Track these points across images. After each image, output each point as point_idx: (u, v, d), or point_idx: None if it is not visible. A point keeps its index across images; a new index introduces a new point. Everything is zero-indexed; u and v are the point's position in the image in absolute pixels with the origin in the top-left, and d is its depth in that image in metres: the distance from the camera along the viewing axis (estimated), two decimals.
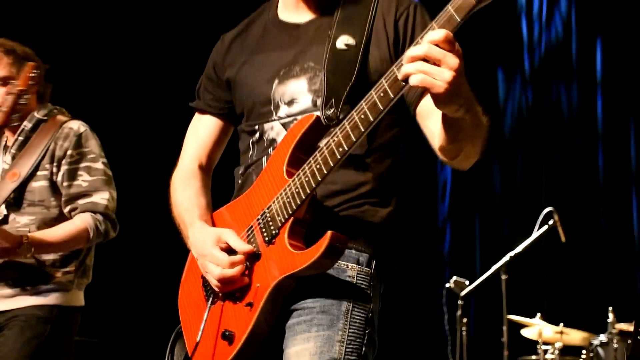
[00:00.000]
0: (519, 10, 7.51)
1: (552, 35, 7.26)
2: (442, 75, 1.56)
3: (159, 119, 6.89)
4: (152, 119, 6.99)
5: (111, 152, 3.31)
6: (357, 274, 1.93)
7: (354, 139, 1.76)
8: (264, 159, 2.08)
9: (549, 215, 5.51)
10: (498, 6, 1.87)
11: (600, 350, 5.12)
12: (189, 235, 2.11)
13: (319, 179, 1.83)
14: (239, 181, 2.18)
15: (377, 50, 2.03)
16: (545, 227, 5.50)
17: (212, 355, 1.96)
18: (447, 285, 5.82)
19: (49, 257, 3.04)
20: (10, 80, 3.09)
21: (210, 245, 1.97)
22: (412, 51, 1.59)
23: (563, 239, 5.49)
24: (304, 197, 1.85)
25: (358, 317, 1.89)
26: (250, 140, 2.15)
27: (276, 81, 2.08)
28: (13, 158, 3.15)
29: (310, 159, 1.86)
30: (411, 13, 2.05)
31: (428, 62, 1.57)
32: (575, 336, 5.40)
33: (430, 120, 1.94)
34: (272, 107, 2.08)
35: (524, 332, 5.53)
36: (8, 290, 3.01)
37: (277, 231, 1.90)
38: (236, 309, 1.94)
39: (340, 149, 1.79)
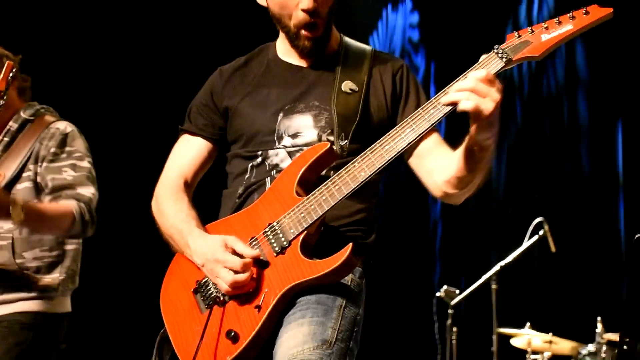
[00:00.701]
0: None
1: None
2: (487, 105, 1.83)
3: (145, 125, 6.88)
4: (139, 124, 6.97)
5: (98, 155, 3.31)
6: (351, 281, 2.10)
7: (377, 166, 2.00)
8: (268, 180, 2.21)
9: (539, 226, 5.56)
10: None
11: (588, 359, 5.16)
12: (189, 244, 2.16)
13: (338, 198, 2.01)
14: (237, 200, 2.27)
15: (375, 99, 2.28)
16: (536, 237, 5.55)
17: (213, 354, 2.02)
18: (438, 294, 5.84)
19: (32, 264, 3.01)
20: None
21: (221, 250, 2.05)
22: (460, 84, 1.87)
23: (553, 249, 5.57)
24: (320, 213, 2.01)
25: (349, 315, 2.01)
26: (250, 164, 2.27)
27: (281, 114, 2.24)
28: None
29: (329, 181, 2.05)
30: (405, 72, 2.36)
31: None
32: (564, 345, 5.43)
33: (429, 159, 2.23)
34: (275, 137, 2.23)
35: (513, 342, 5.56)
36: None
37: (288, 243, 2.02)
38: (241, 311, 2.03)
39: (362, 174, 2.00)
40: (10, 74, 2.83)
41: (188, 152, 2.41)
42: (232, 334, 1.99)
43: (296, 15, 2.20)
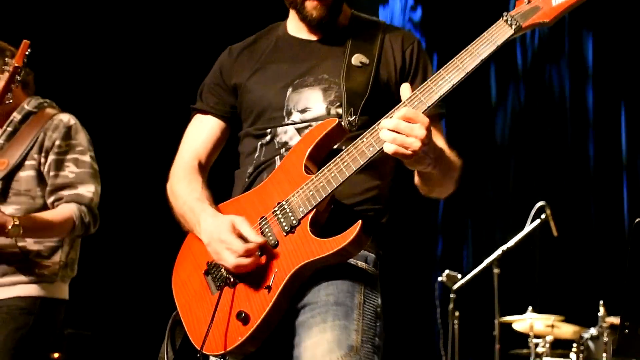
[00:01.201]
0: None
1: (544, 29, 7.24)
2: (411, 146, 1.80)
3: (147, 118, 6.92)
4: (141, 117, 7.00)
5: (101, 146, 3.34)
6: (367, 271, 2.07)
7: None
8: (277, 158, 2.18)
9: (541, 210, 5.55)
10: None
11: (590, 343, 5.20)
12: (200, 221, 2.13)
13: (347, 174, 1.95)
14: (246, 180, 2.24)
15: (386, 72, 2.23)
16: (538, 221, 5.54)
17: (224, 336, 2.00)
18: (440, 278, 5.86)
19: (33, 247, 3.05)
20: None
21: (226, 231, 2.01)
22: (384, 123, 1.85)
23: (555, 233, 5.55)
24: (329, 190, 1.96)
25: (370, 310, 1.99)
26: (259, 143, 2.24)
27: (290, 89, 2.21)
28: (1, 148, 3.15)
29: (337, 157, 1.98)
30: (416, 47, 2.29)
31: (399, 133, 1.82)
32: (566, 329, 5.48)
33: None
34: (284, 113, 2.20)
35: (516, 326, 5.61)
36: None
37: (297, 222, 1.98)
38: (251, 292, 2.00)
39: (370, 149, 1.93)
40: (27, 52, 2.93)
41: (201, 131, 2.38)
42: (243, 315, 1.97)
43: None
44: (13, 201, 3.05)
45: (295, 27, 2.37)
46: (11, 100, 2.99)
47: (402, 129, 1.81)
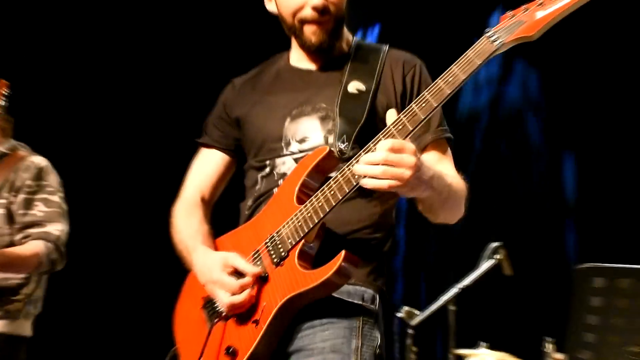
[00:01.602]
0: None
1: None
2: (402, 176, 1.75)
3: (153, 151, 6.99)
4: (146, 149, 7.06)
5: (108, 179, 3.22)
6: (364, 312, 2.00)
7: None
8: (275, 190, 2.14)
9: (495, 250, 5.64)
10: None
11: None
12: (193, 262, 2.13)
13: (333, 204, 1.88)
14: (247, 212, 2.22)
15: (385, 98, 2.17)
16: (492, 261, 5.63)
17: None
18: (398, 314, 5.84)
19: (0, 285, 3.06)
20: None
21: (218, 270, 1.98)
22: (370, 157, 1.79)
23: (509, 272, 5.67)
24: (316, 220, 1.90)
25: (368, 354, 1.93)
26: (259, 175, 2.22)
27: (288, 119, 2.17)
28: None
29: (325, 186, 1.93)
30: (417, 71, 2.21)
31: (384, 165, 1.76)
32: None
33: None
34: (282, 144, 2.15)
35: None
36: None
37: (286, 253, 1.93)
38: (241, 326, 1.95)
39: (357, 176, 1.85)
40: (4, 91, 3.08)
41: (205, 166, 2.34)
42: (231, 349, 1.91)
43: (305, 12, 2.14)
44: None
45: (296, 56, 2.34)
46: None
47: (391, 161, 1.73)
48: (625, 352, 1.84)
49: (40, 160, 3.34)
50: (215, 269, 1.99)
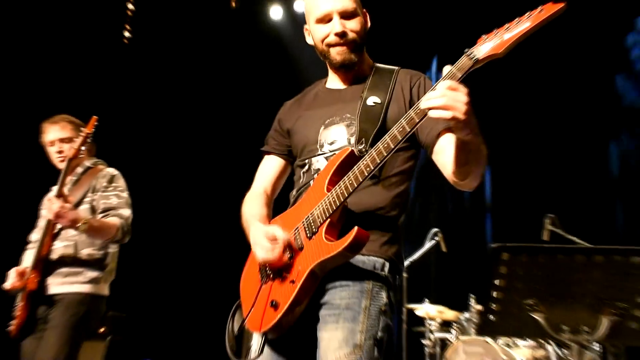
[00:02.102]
0: None
1: None
2: (458, 108, 1.57)
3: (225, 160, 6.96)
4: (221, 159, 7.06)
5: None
6: (374, 277, 1.87)
7: (378, 162, 1.76)
8: (312, 182, 2.03)
9: (435, 234, 5.70)
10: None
11: (464, 323, 5.30)
12: (250, 232, 2.03)
13: (351, 190, 1.79)
14: (292, 200, 2.14)
15: (397, 107, 2.02)
16: (433, 242, 5.68)
17: (261, 318, 1.89)
18: None
19: (87, 258, 3.14)
20: (71, 140, 3.29)
21: (260, 236, 1.90)
22: (430, 94, 1.61)
23: (444, 249, 5.71)
24: (338, 204, 1.81)
25: (374, 311, 1.82)
26: (302, 171, 2.11)
27: (322, 127, 2.06)
28: (69, 191, 3.24)
29: (345, 177, 1.83)
30: (422, 82, 2.07)
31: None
32: (449, 314, 5.54)
33: (444, 155, 1.92)
34: (317, 146, 2.05)
35: (418, 312, 5.63)
36: (61, 279, 3.11)
37: (316, 229, 1.84)
38: (282, 285, 1.87)
39: (367, 169, 1.77)
40: (95, 124, 3.14)
41: (267, 168, 2.25)
42: (274, 303, 1.85)
43: (330, 38, 2.05)
44: None
45: (330, 80, 2.22)
46: (82, 155, 3.18)
47: (450, 94, 1.58)
48: (522, 304, 1.85)
49: (112, 170, 3.38)
50: (260, 235, 1.91)
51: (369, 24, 2.14)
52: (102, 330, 6.33)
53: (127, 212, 3.25)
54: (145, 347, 6.52)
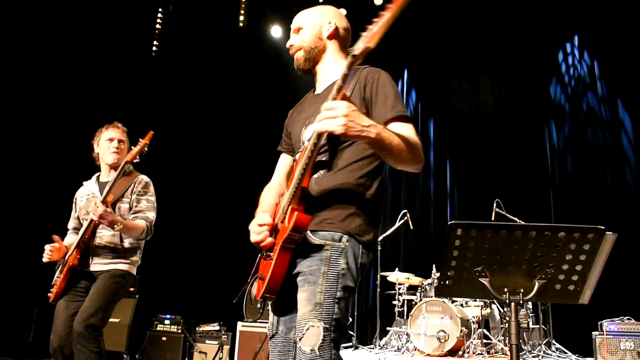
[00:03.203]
0: None
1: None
2: (336, 121, 1.55)
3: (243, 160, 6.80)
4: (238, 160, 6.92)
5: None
6: (331, 247, 1.78)
7: (306, 161, 1.74)
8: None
9: (404, 214, 5.76)
10: None
11: (427, 287, 5.38)
12: None
13: (297, 183, 1.77)
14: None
15: (357, 101, 1.83)
16: (402, 221, 5.75)
17: (258, 289, 1.88)
18: None
19: (127, 246, 3.19)
20: (124, 143, 3.34)
21: (254, 223, 1.87)
22: (318, 116, 1.60)
23: (411, 227, 5.77)
24: (294, 193, 1.78)
25: (332, 275, 1.76)
26: (293, 162, 2.07)
27: (303, 128, 1.99)
28: (101, 188, 3.26)
29: (298, 166, 1.78)
30: (375, 79, 1.89)
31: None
32: (415, 280, 5.59)
33: None
34: (301, 143, 1.97)
35: (389, 278, 5.66)
36: (107, 260, 3.15)
37: (285, 214, 1.80)
38: (266, 262, 1.86)
39: (305, 166, 1.75)
40: (150, 137, 3.10)
41: (281, 164, 2.18)
42: (262, 276, 1.85)
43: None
44: None
45: (317, 86, 2.10)
46: (137, 160, 3.12)
47: (327, 113, 1.57)
48: (472, 271, 1.86)
49: (146, 177, 3.38)
50: (254, 222, 1.88)
51: (340, 33, 2.00)
52: (132, 289, 6.36)
53: (152, 215, 3.26)
54: (167, 304, 6.56)
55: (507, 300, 1.79)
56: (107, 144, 3.33)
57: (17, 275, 6.06)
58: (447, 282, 1.84)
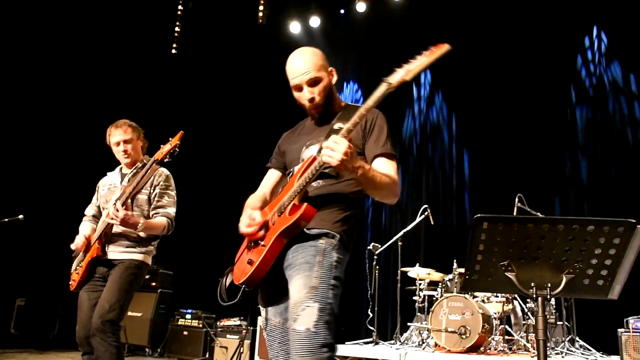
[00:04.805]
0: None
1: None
2: (335, 157, 1.76)
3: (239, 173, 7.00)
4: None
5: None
6: (326, 242, 1.93)
7: (309, 176, 1.90)
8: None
9: (425, 209, 5.69)
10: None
11: (448, 283, 5.34)
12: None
13: (303, 184, 1.92)
14: (278, 194, 2.21)
15: (355, 131, 1.99)
16: (423, 216, 5.67)
17: (241, 273, 2.00)
18: (368, 247, 5.85)
19: (143, 236, 3.20)
20: (132, 141, 3.31)
21: (244, 216, 2.04)
22: (325, 143, 1.80)
23: (432, 222, 5.71)
24: (298, 191, 1.93)
25: (327, 263, 1.88)
26: (288, 177, 2.21)
27: (304, 147, 2.15)
28: (127, 180, 3.29)
29: (302, 173, 1.96)
30: (375, 118, 2.11)
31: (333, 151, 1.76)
32: (436, 276, 5.56)
33: None
34: (300, 160, 2.14)
35: (410, 274, 5.65)
36: (122, 249, 3.17)
37: (284, 209, 1.95)
38: (257, 249, 1.98)
39: (310, 175, 1.90)
40: (180, 140, 3.06)
41: (269, 178, 2.34)
42: (250, 261, 1.97)
43: (304, 103, 2.13)
44: (135, 211, 3.19)
45: (311, 118, 2.25)
46: (167, 159, 3.10)
47: (331, 146, 1.76)
48: (498, 265, 1.85)
49: (166, 171, 3.39)
50: (244, 215, 2.05)
51: (335, 78, 2.18)
52: (154, 284, 6.44)
53: (172, 210, 3.27)
54: (188, 299, 6.61)
55: (534, 295, 1.77)
56: (115, 148, 3.35)
57: (42, 269, 6.18)
58: (473, 276, 1.82)
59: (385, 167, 2.01)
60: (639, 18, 5.84)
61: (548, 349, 4.60)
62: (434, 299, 5.30)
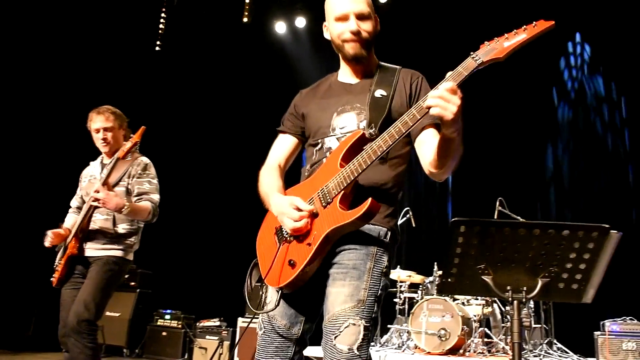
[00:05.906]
0: None
1: None
2: (450, 109, 1.53)
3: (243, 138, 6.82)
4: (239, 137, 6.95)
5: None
6: (378, 244, 1.80)
7: (390, 143, 1.69)
8: (324, 159, 1.93)
9: (406, 212, 5.71)
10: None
11: (429, 286, 5.38)
12: (270, 201, 1.93)
13: (364, 167, 1.72)
14: (306, 174, 2.00)
15: (399, 99, 1.94)
16: (405, 218, 5.69)
17: (279, 275, 1.81)
18: None
19: (121, 231, 3.13)
20: (113, 129, 3.24)
21: (286, 206, 1.80)
22: (433, 92, 1.56)
23: (414, 224, 5.72)
24: (352, 178, 1.73)
25: (376, 272, 1.77)
26: (315, 149, 2.01)
27: (335, 114, 1.97)
28: (105, 172, 3.17)
29: (359, 155, 1.74)
30: (419, 81, 1.98)
31: (442, 100, 1.54)
32: (417, 278, 5.59)
33: (425, 146, 1.85)
34: (330, 129, 1.96)
35: (391, 276, 5.50)
36: (99, 245, 3.11)
37: (331, 200, 1.75)
38: (299, 247, 1.78)
39: (379, 150, 1.70)
40: (142, 133, 3.02)
41: (281, 145, 2.13)
42: (292, 262, 1.77)
43: (345, 35, 1.95)
44: None
45: (342, 74, 2.09)
46: (129, 158, 3.10)
47: (444, 96, 1.53)
48: (475, 268, 1.85)
49: (145, 159, 3.31)
50: (285, 205, 1.81)
51: (379, 27, 2.02)
52: (133, 284, 6.38)
53: (156, 197, 3.21)
54: (168, 299, 6.55)
55: (510, 299, 1.78)
56: (95, 134, 3.28)
57: (17, 268, 6.06)
58: (449, 279, 1.82)
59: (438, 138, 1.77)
60: (620, 26, 5.95)
61: (526, 351, 4.65)
62: (415, 301, 5.32)
